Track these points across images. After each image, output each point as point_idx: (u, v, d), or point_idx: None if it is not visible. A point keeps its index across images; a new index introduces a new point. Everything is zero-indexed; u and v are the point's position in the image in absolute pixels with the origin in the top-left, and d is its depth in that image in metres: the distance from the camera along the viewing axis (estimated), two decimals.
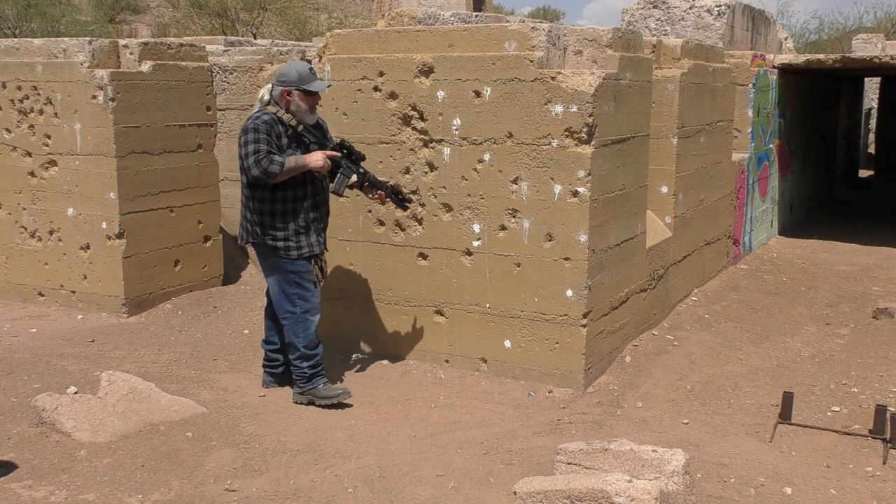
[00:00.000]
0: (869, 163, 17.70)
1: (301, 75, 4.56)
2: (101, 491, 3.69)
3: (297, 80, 4.56)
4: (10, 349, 5.73)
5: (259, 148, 4.45)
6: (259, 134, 4.48)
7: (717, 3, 9.00)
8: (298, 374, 4.74)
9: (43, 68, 6.54)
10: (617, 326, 5.35)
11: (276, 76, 4.64)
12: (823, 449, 4.25)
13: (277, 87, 4.59)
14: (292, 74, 4.55)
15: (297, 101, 4.58)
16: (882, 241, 9.79)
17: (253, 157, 4.44)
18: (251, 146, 4.46)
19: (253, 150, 4.45)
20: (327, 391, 4.73)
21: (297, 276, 4.66)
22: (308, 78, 4.58)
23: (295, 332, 4.70)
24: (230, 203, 7.91)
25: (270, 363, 5.03)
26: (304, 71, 4.57)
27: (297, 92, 4.57)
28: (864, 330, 6.21)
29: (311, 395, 4.72)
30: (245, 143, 4.49)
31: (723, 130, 7.50)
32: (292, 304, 4.68)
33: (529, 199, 4.90)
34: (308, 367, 4.72)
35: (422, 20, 6.18)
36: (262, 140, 4.47)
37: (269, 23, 23.75)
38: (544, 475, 3.37)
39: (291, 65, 4.63)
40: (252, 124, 4.51)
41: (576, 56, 4.99)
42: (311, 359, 4.72)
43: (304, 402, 4.73)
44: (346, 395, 4.75)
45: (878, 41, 17.43)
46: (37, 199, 6.77)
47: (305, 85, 4.56)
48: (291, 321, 4.70)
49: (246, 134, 4.50)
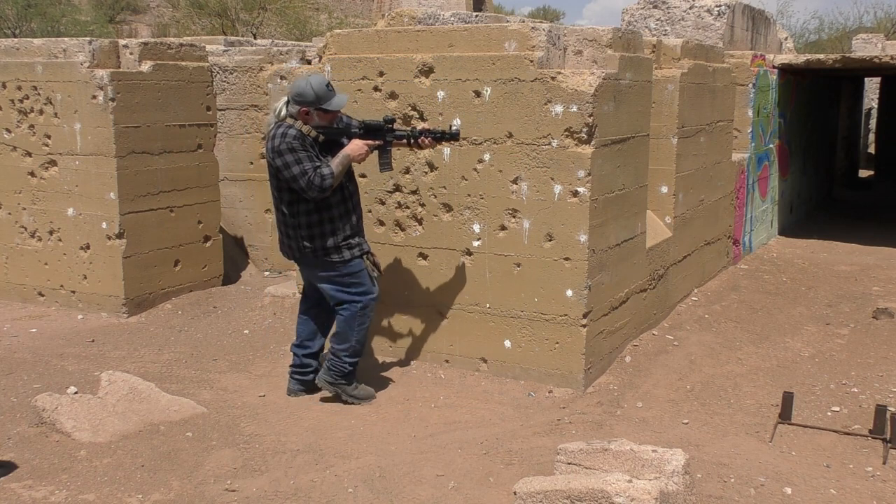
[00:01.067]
0: (869, 163, 17.70)
1: (319, 95, 4.39)
2: (101, 491, 3.69)
3: (315, 101, 4.40)
4: (10, 349, 5.73)
5: (305, 168, 4.33)
6: (297, 153, 4.34)
7: (717, 3, 9.00)
8: (338, 366, 4.67)
9: (43, 68, 6.54)
10: (617, 326, 5.35)
11: (291, 93, 4.45)
12: (823, 449, 4.25)
13: (294, 105, 4.43)
14: (309, 95, 4.38)
15: (316, 118, 4.47)
16: (882, 241, 9.79)
17: (304, 179, 4.33)
18: (296, 168, 4.34)
19: (300, 172, 4.33)
20: (358, 392, 4.72)
21: (353, 276, 4.61)
22: (326, 96, 4.42)
23: (351, 325, 4.63)
24: (230, 203, 7.91)
25: (302, 369, 4.89)
26: (321, 90, 4.39)
27: (316, 111, 4.44)
28: (864, 330, 6.21)
29: (340, 389, 4.69)
30: (286, 165, 4.35)
31: (723, 130, 7.50)
32: (353, 303, 4.62)
33: (529, 199, 4.90)
34: (351, 363, 4.68)
35: (422, 20, 6.18)
36: (304, 158, 4.34)
37: (269, 23, 23.76)
38: (544, 475, 3.37)
39: (307, 82, 4.40)
40: (286, 145, 4.35)
41: (576, 56, 4.99)
42: (357, 356, 4.70)
43: (328, 389, 4.68)
44: (374, 397, 4.76)
45: (878, 41, 17.43)
46: (37, 199, 6.77)
47: (324, 104, 4.43)
48: (349, 313, 4.63)
49: (283, 156, 4.35)
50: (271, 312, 6.42)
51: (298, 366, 4.90)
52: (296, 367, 4.91)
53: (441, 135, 4.65)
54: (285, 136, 4.38)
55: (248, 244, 8.02)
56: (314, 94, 4.39)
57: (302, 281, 4.91)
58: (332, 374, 4.70)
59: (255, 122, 7.74)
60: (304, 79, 4.43)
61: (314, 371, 4.90)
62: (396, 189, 5.28)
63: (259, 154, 7.78)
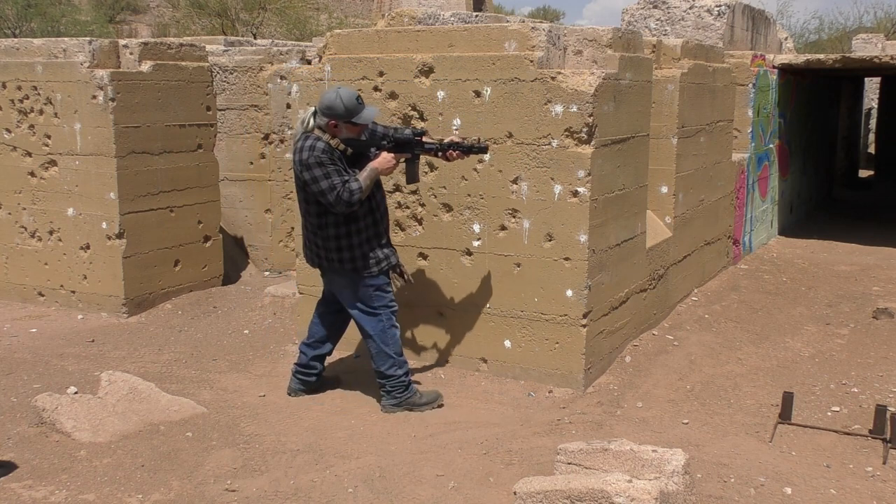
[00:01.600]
0: (869, 163, 17.70)
1: (349, 109, 4.32)
2: (101, 491, 3.69)
3: (345, 115, 4.33)
4: (10, 349, 5.73)
5: (333, 183, 4.27)
6: (326, 167, 4.28)
7: (717, 3, 9.00)
8: (394, 385, 4.61)
9: (43, 68, 6.54)
10: (617, 326, 5.35)
11: (320, 105, 4.37)
12: (823, 449, 4.25)
13: (323, 118, 4.36)
14: (339, 108, 4.31)
15: (344, 131, 4.39)
16: (882, 241, 9.79)
17: (332, 194, 4.27)
18: (324, 183, 4.28)
19: (329, 187, 4.27)
20: (425, 398, 4.68)
21: (380, 290, 4.56)
22: (356, 109, 4.35)
23: (386, 342, 4.58)
24: (230, 203, 7.91)
25: (307, 370, 4.85)
26: (351, 104, 4.33)
27: (345, 124, 4.37)
28: (864, 330, 6.21)
29: (409, 404, 4.63)
30: (314, 179, 4.29)
31: (723, 130, 7.50)
32: (379, 320, 4.57)
33: (529, 199, 4.90)
34: (403, 374, 4.63)
35: (422, 20, 6.18)
36: (332, 172, 4.28)
37: (269, 23, 23.76)
38: (544, 475, 3.37)
39: (337, 95, 4.33)
40: (314, 158, 4.28)
41: (576, 56, 4.99)
42: (403, 365, 4.64)
43: (399, 411, 4.61)
44: (442, 399, 4.73)
45: (878, 41, 17.43)
46: (37, 199, 6.77)
47: (354, 118, 4.36)
48: (381, 336, 4.58)
49: (312, 170, 4.28)
50: (271, 312, 6.42)
51: (304, 366, 4.86)
52: (301, 367, 4.87)
53: (469, 148, 4.60)
54: (313, 150, 4.30)
55: (248, 244, 8.02)
56: (344, 107, 4.33)
57: (323, 285, 4.86)
58: (395, 395, 4.63)
59: (255, 122, 7.75)
60: (334, 91, 4.37)
61: (318, 374, 4.88)
62: (396, 189, 5.28)
63: (259, 154, 7.78)
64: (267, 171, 7.77)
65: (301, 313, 5.72)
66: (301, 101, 5.48)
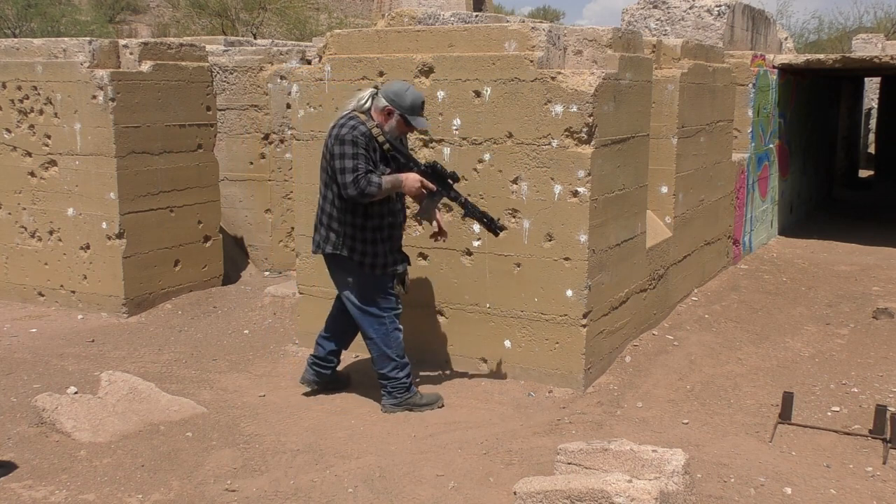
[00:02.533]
0: (869, 163, 17.70)
1: (413, 106, 4.35)
2: (101, 491, 3.69)
3: (408, 109, 4.34)
4: (10, 349, 5.73)
5: (358, 165, 4.22)
6: (358, 149, 4.23)
7: (717, 3, 9.00)
8: (395, 386, 4.61)
9: (43, 68, 6.54)
10: (617, 326, 5.35)
11: (387, 90, 4.39)
12: (823, 449, 4.25)
13: (383, 100, 4.35)
14: (406, 100, 4.33)
15: (394, 124, 4.37)
16: (882, 241, 9.79)
17: (351, 175, 4.21)
18: (349, 161, 4.22)
19: (352, 167, 4.22)
20: (425, 399, 4.67)
21: (382, 291, 4.55)
22: (416, 110, 4.38)
23: (388, 345, 4.57)
24: (230, 203, 7.91)
25: (323, 362, 4.83)
26: (417, 103, 4.37)
27: (399, 117, 4.36)
28: (864, 330, 6.21)
29: (409, 405, 4.62)
30: (342, 155, 4.24)
31: (723, 130, 7.50)
32: (381, 322, 4.56)
33: (529, 199, 4.90)
34: (404, 376, 4.62)
35: (422, 20, 6.18)
36: (361, 157, 4.24)
37: (269, 23, 23.76)
38: (544, 475, 3.37)
39: (409, 89, 4.39)
40: (351, 136, 4.24)
41: (576, 56, 4.99)
42: (405, 367, 4.63)
43: (398, 411, 4.61)
44: (442, 401, 4.72)
45: (878, 41, 17.44)
46: (37, 199, 6.77)
47: (410, 117, 4.36)
48: (383, 339, 4.57)
49: (343, 145, 4.24)
50: (271, 312, 6.42)
51: (321, 358, 4.84)
52: (318, 359, 4.84)
53: (489, 222, 4.59)
54: (354, 129, 4.27)
55: (248, 244, 8.02)
56: (410, 103, 4.35)
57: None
58: (396, 396, 4.63)
59: (255, 122, 7.75)
60: (407, 84, 4.42)
61: (333, 368, 4.88)
62: None
63: (259, 154, 7.78)
64: (267, 171, 7.77)
65: (301, 313, 5.72)
66: (301, 102, 5.48)
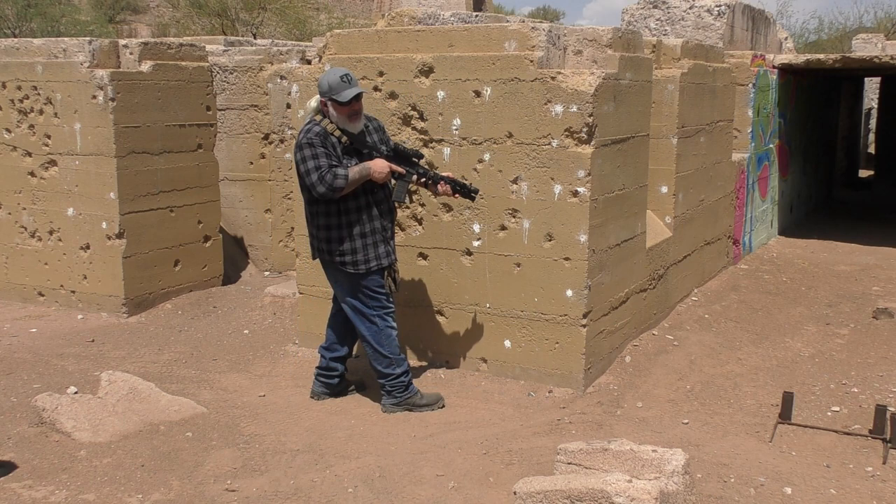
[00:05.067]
0: (869, 163, 17.70)
1: (331, 85, 4.31)
2: (101, 491, 3.69)
3: (328, 91, 4.32)
4: (10, 349, 5.73)
5: (319, 164, 4.27)
6: (315, 149, 4.29)
7: (717, 3, 9.00)
8: (393, 384, 4.61)
9: (43, 68, 6.54)
10: (617, 326, 5.35)
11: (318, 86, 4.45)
12: (823, 449, 4.25)
13: (315, 98, 4.43)
14: (324, 84, 4.33)
15: (332, 111, 4.37)
16: (882, 241, 9.79)
17: (315, 174, 4.26)
18: (310, 163, 4.29)
19: (314, 167, 4.27)
20: (425, 399, 4.67)
21: (371, 291, 4.53)
22: (338, 87, 4.31)
23: (381, 343, 4.57)
24: (230, 203, 7.91)
25: (328, 372, 4.82)
26: (334, 80, 4.31)
27: (330, 102, 4.35)
28: (864, 330, 6.21)
29: (408, 405, 4.63)
30: (303, 159, 4.30)
31: (723, 130, 7.50)
32: (371, 321, 4.55)
33: (529, 199, 4.90)
34: (402, 373, 4.62)
35: (422, 20, 6.18)
36: (321, 154, 4.29)
37: (269, 23, 23.76)
38: (544, 475, 3.37)
39: (326, 74, 4.38)
40: (305, 139, 4.32)
41: (576, 56, 4.99)
42: (402, 364, 4.63)
43: (399, 411, 4.61)
44: (443, 402, 4.72)
45: (878, 41, 17.44)
46: (37, 199, 6.77)
47: (335, 95, 4.31)
48: (375, 337, 4.57)
49: (301, 150, 4.31)
50: (271, 312, 6.42)
51: (325, 369, 4.83)
52: (322, 370, 4.84)
53: (462, 188, 4.61)
54: (308, 132, 4.36)
55: (248, 244, 8.02)
56: (327, 84, 4.34)
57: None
58: (395, 395, 4.63)
59: (255, 122, 7.74)
60: (328, 71, 4.45)
61: (340, 376, 4.85)
62: None
63: (259, 154, 7.78)
64: (267, 171, 7.77)
65: (301, 313, 5.72)
66: (301, 101, 5.48)
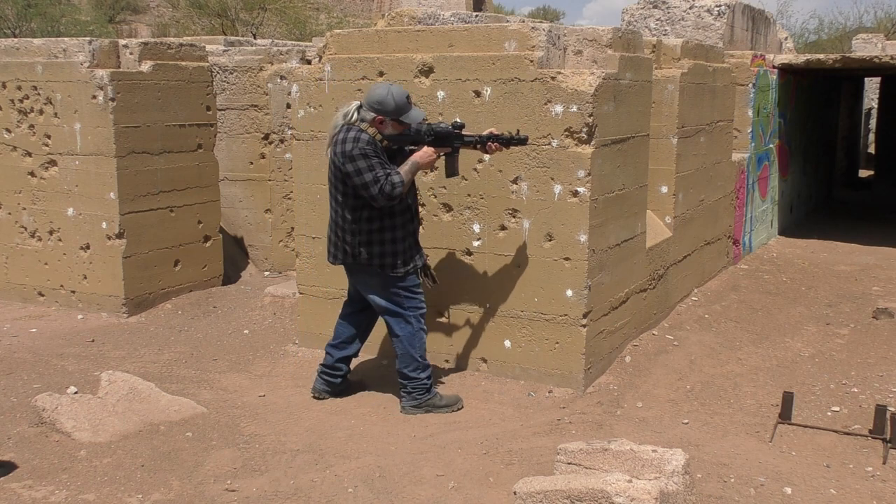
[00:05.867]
0: (869, 163, 17.69)
1: (399, 106, 4.32)
2: (101, 491, 3.69)
3: (394, 112, 4.33)
4: (10, 349, 5.73)
5: (378, 176, 4.23)
6: (370, 160, 4.24)
7: (717, 3, 9.01)
8: (415, 386, 4.60)
9: (43, 68, 6.54)
10: (617, 326, 5.35)
11: (369, 99, 4.35)
12: (823, 449, 4.25)
13: (370, 113, 4.33)
14: (389, 105, 4.30)
15: (390, 129, 4.37)
16: (882, 241, 9.79)
17: (375, 186, 4.23)
18: (368, 175, 4.23)
19: (372, 179, 4.23)
20: (445, 401, 4.66)
21: (409, 291, 4.53)
22: (405, 108, 4.35)
23: (413, 345, 4.56)
24: (230, 203, 7.91)
25: (333, 371, 4.80)
26: (402, 102, 4.33)
27: (392, 121, 4.35)
28: (864, 330, 6.21)
29: (428, 406, 4.61)
30: (358, 171, 4.24)
31: (723, 130, 7.50)
32: (407, 321, 4.54)
33: (529, 199, 4.90)
34: (426, 377, 4.61)
35: (422, 20, 6.18)
36: (376, 165, 4.24)
37: (269, 23, 23.77)
38: (544, 475, 3.37)
39: (388, 92, 4.32)
40: (359, 150, 4.25)
41: (576, 56, 4.99)
42: (427, 369, 4.63)
43: (418, 413, 4.60)
44: (461, 403, 4.71)
45: (878, 41, 17.44)
46: (37, 199, 6.77)
47: (402, 116, 4.35)
48: (409, 339, 4.55)
49: (355, 162, 4.24)
50: (271, 312, 6.42)
51: (330, 367, 4.81)
52: (326, 368, 4.82)
53: (509, 140, 4.57)
54: (357, 141, 4.27)
55: (248, 244, 8.02)
56: (395, 104, 4.31)
57: (348, 286, 4.79)
58: (416, 397, 4.61)
59: (255, 122, 7.75)
60: (385, 87, 4.36)
61: (343, 375, 4.84)
62: None
63: (259, 154, 7.78)
64: (267, 171, 7.77)
65: (301, 313, 5.72)
66: (301, 101, 5.48)
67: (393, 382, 5.06)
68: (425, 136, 4.46)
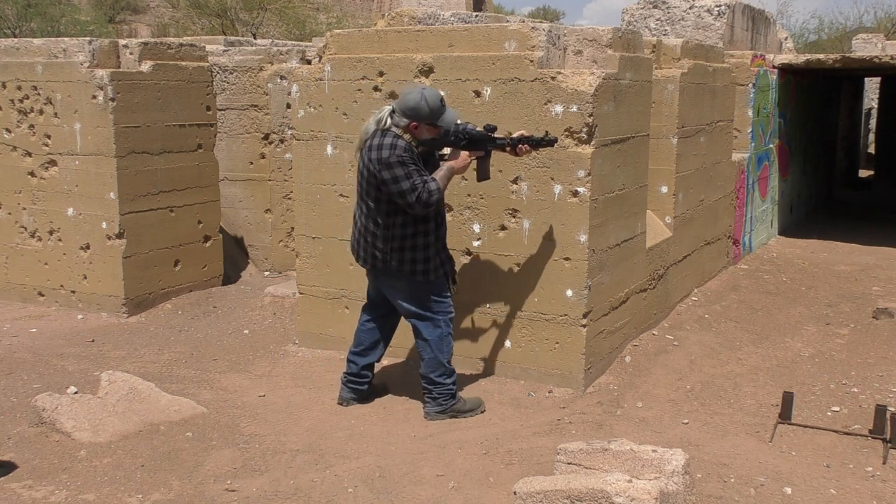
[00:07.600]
0: (869, 163, 17.69)
1: (433, 111, 4.25)
2: (101, 491, 3.69)
3: (429, 117, 4.26)
4: (10, 349, 5.73)
5: (415, 183, 4.17)
6: (407, 167, 4.17)
7: (717, 3, 9.01)
8: (441, 392, 4.55)
9: (43, 68, 6.54)
10: (617, 326, 5.35)
11: (402, 105, 4.28)
12: (823, 449, 4.25)
13: (404, 119, 4.26)
14: (424, 110, 4.22)
15: (425, 133, 4.31)
16: (882, 241, 9.79)
17: (413, 195, 4.17)
18: (405, 183, 4.17)
19: (410, 187, 4.17)
20: (468, 405, 4.63)
21: (439, 296, 4.50)
22: (440, 112, 4.28)
23: (441, 349, 4.51)
24: (230, 203, 7.91)
25: (359, 379, 4.74)
26: (436, 106, 4.25)
27: (427, 125, 4.29)
28: (864, 330, 6.21)
29: (454, 412, 4.57)
30: (395, 179, 4.17)
31: (723, 130, 7.50)
32: (437, 325, 4.50)
33: (529, 199, 4.90)
34: (451, 382, 4.57)
35: (422, 20, 6.18)
36: (413, 172, 4.18)
37: (269, 23, 23.79)
38: (544, 475, 3.37)
39: (422, 97, 4.24)
40: (396, 157, 4.17)
41: (576, 56, 4.99)
42: (453, 374, 4.59)
43: (443, 418, 4.55)
44: (484, 406, 4.69)
45: (878, 41, 17.44)
46: (37, 199, 6.77)
47: (437, 120, 4.29)
48: (437, 343, 4.50)
49: (393, 169, 4.17)
50: (271, 312, 6.42)
51: (355, 375, 4.75)
52: (352, 377, 4.76)
53: (539, 141, 4.51)
54: (394, 148, 4.20)
55: (248, 244, 8.02)
56: (429, 109, 4.24)
57: (370, 289, 4.74)
58: (441, 402, 4.56)
59: (255, 122, 7.74)
60: (418, 92, 4.28)
61: (369, 382, 4.80)
62: None
63: (259, 154, 7.78)
64: (267, 171, 7.77)
65: (301, 313, 5.72)
66: (301, 101, 5.49)
67: (393, 382, 5.07)
68: (460, 141, 4.41)
